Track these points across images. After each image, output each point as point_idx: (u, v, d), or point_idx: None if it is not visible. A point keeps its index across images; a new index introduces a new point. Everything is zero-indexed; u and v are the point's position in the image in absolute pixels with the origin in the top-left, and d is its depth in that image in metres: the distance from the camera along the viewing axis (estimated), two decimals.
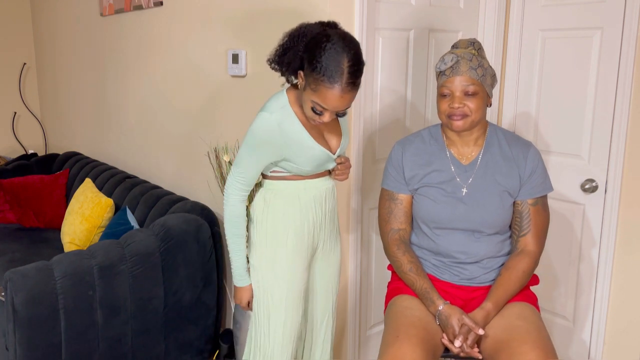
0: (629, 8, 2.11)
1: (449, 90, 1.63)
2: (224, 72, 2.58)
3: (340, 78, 1.49)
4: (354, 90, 1.53)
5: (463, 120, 1.63)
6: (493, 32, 2.49)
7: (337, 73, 1.48)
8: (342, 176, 1.80)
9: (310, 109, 1.57)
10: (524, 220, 1.71)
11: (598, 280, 2.33)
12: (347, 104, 1.54)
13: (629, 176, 2.21)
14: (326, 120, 1.58)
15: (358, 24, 2.11)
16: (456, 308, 1.64)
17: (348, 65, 1.49)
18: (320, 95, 1.52)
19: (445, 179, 1.72)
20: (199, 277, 2.45)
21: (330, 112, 1.56)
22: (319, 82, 1.50)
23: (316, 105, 1.55)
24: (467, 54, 1.64)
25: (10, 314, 2.05)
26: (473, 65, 1.62)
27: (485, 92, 1.64)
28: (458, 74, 1.62)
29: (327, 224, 1.83)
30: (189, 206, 2.62)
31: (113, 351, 2.24)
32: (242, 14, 2.44)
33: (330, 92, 1.50)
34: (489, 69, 1.66)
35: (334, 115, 1.58)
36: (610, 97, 2.21)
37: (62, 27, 4.10)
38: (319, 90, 1.51)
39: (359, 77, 1.52)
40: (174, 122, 3.00)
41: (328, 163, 1.74)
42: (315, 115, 1.58)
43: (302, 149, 1.66)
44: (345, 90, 1.50)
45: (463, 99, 1.62)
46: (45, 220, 3.46)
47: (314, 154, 1.67)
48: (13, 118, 4.57)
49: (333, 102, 1.52)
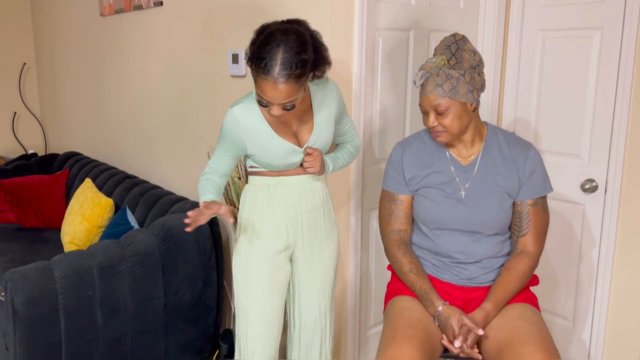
0: (629, 8, 2.11)
1: (424, 109, 1.66)
2: (224, 72, 2.58)
3: (273, 69, 1.49)
4: (290, 81, 1.51)
5: (443, 136, 1.66)
6: (493, 32, 2.49)
7: (270, 64, 1.49)
8: (310, 168, 1.75)
9: (258, 102, 1.60)
10: (523, 221, 1.71)
11: (598, 280, 2.33)
12: (285, 95, 1.53)
13: (629, 176, 2.21)
14: (276, 114, 1.58)
15: (358, 24, 2.11)
16: (455, 309, 1.64)
17: (282, 57, 1.49)
18: (259, 86, 1.55)
19: (445, 180, 1.72)
20: (199, 277, 2.45)
21: (276, 105, 1.56)
22: (256, 73, 1.53)
23: (260, 97, 1.57)
24: (434, 69, 1.61)
25: (10, 314, 2.05)
26: (439, 81, 1.60)
27: (459, 103, 1.61)
28: (424, 94, 1.63)
29: (304, 224, 1.82)
30: (189, 206, 2.62)
31: (113, 351, 2.24)
32: (242, 14, 2.44)
33: (264, 82, 1.52)
34: (462, 75, 1.60)
35: (282, 109, 1.58)
36: (610, 97, 2.20)
37: (62, 27, 4.10)
38: (257, 81, 1.54)
39: (294, 69, 1.51)
40: (174, 122, 3.00)
41: (293, 156, 1.73)
42: (265, 108, 1.60)
43: (263, 142, 1.70)
44: (278, 82, 1.50)
45: (437, 117, 1.63)
46: (45, 220, 3.46)
47: (276, 146, 1.70)
48: (13, 118, 4.57)
49: (269, 93, 1.53)
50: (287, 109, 1.59)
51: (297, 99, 1.58)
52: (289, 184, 1.79)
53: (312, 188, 1.82)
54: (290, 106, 1.58)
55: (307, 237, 1.84)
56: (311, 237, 1.85)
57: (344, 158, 1.91)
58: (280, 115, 1.59)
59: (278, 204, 1.79)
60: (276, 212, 1.79)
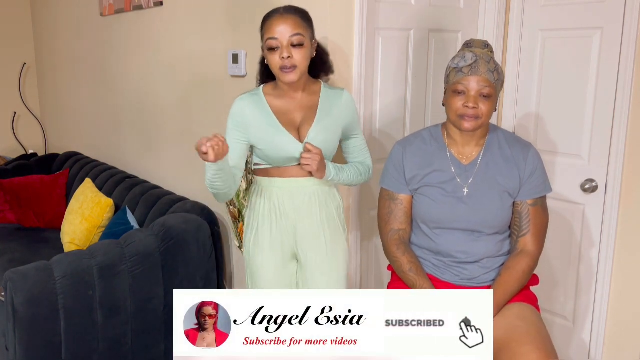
0: (629, 8, 2.11)
1: (465, 89, 1.61)
2: (224, 72, 2.58)
3: (279, 9, 1.69)
4: (296, 15, 1.67)
5: (474, 122, 1.62)
6: (493, 32, 2.49)
7: (276, 9, 1.70)
8: (307, 166, 1.72)
9: (269, 56, 1.67)
10: (523, 221, 1.71)
11: (598, 280, 2.33)
12: (291, 25, 1.65)
13: (629, 176, 2.21)
14: (285, 55, 1.64)
15: (358, 24, 2.11)
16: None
17: (285, 5, 1.71)
18: (266, 30, 1.67)
19: (446, 179, 1.72)
20: (199, 277, 2.45)
21: (285, 44, 1.64)
22: (264, 25, 1.69)
23: (268, 42, 1.66)
24: (485, 56, 1.62)
25: (10, 314, 2.05)
26: (491, 67, 1.61)
27: (496, 96, 1.64)
28: (477, 73, 1.60)
29: (307, 230, 1.79)
30: (189, 206, 2.62)
31: (113, 351, 2.24)
32: (242, 13, 2.44)
33: (271, 21, 1.67)
34: (502, 75, 1.65)
35: (290, 48, 1.65)
36: (610, 97, 2.20)
37: (62, 27, 4.10)
38: (265, 28, 1.68)
39: (297, 9, 1.69)
40: (174, 122, 3.00)
41: (292, 148, 1.73)
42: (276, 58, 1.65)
43: (265, 129, 1.73)
44: (284, 14, 1.66)
45: (477, 100, 1.61)
46: (45, 220, 3.46)
47: (277, 136, 1.73)
48: (13, 118, 4.57)
49: (276, 27, 1.64)
50: (295, 46, 1.65)
51: (304, 37, 1.66)
52: (281, 185, 1.78)
53: (312, 192, 1.79)
54: (297, 42, 1.65)
55: (309, 247, 1.81)
56: (311, 246, 1.81)
57: (351, 173, 1.84)
58: (290, 58, 1.64)
59: (275, 203, 1.79)
60: (272, 212, 1.79)
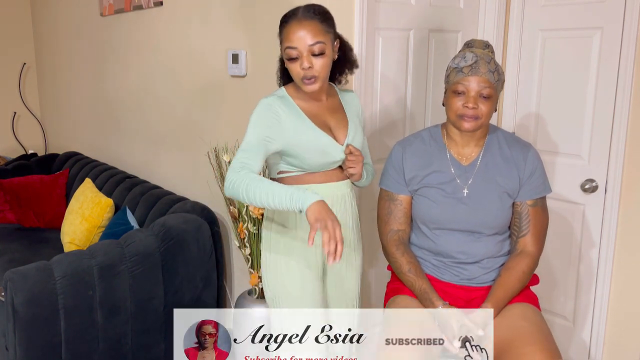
0: (629, 8, 2.11)
1: (465, 89, 1.61)
2: (224, 72, 2.58)
3: (297, 11, 1.58)
4: (315, 20, 1.55)
5: (474, 122, 1.62)
6: (493, 32, 2.49)
7: (294, 11, 1.59)
8: (352, 168, 1.66)
9: (290, 64, 1.58)
10: (523, 222, 1.71)
11: (598, 280, 2.33)
12: (311, 32, 1.54)
13: (629, 176, 2.21)
14: (306, 64, 1.54)
15: (358, 24, 2.11)
16: (455, 308, 1.64)
17: (304, 6, 1.58)
18: (285, 37, 1.57)
19: (445, 180, 1.72)
20: (199, 277, 2.45)
21: (305, 53, 1.55)
22: (283, 27, 1.59)
23: (287, 51, 1.56)
24: (486, 56, 1.62)
25: (10, 314, 2.05)
26: (491, 68, 1.61)
27: (496, 97, 1.64)
28: (477, 74, 1.59)
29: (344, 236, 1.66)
30: (189, 206, 2.62)
31: (113, 351, 2.24)
32: (242, 13, 2.44)
33: (289, 27, 1.56)
34: (502, 75, 1.65)
35: (311, 57, 1.55)
36: (610, 97, 2.20)
37: (62, 27, 4.10)
38: (283, 34, 1.58)
39: (317, 10, 1.57)
40: (174, 122, 3.00)
41: (333, 151, 1.65)
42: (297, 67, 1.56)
43: (306, 134, 1.61)
44: (302, 21, 1.55)
45: (477, 101, 1.61)
46: (45, 220, 3.46)
47: (316, 138, 1.62)
48: (13, 118, 4.57)
49: (294, 34, 1.54)
50: (316, 55, 1.55)
51: (325, 44, 1.56)
52: (323, 190, 1.62)
53: (343, 196, 1.72)
54: (319, 51, 1.55)
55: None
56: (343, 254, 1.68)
57: (367, 174, 1.80)
58: (311, 67, 1.55)
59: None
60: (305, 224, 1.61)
